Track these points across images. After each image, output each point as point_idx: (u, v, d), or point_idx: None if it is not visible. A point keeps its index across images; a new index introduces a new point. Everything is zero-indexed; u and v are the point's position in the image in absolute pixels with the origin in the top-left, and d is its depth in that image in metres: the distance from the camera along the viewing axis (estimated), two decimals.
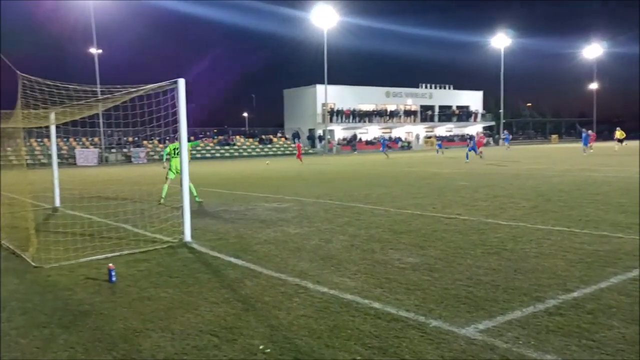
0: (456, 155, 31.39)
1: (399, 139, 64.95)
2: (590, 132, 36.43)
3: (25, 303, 5.12)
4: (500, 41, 68.55)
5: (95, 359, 3.76)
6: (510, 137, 52.96)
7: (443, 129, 70.55)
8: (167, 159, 12.69)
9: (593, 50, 75.78)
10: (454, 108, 71.77)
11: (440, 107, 70.92)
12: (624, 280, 5.36)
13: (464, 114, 71.82)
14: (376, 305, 4.75)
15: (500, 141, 68.72)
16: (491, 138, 71.71)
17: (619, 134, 38.47)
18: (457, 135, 69.27)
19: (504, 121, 72.42)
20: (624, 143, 38.35)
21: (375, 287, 5.32)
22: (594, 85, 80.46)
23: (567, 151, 40.81)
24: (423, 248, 7.07)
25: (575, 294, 4.92)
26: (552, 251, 6.70)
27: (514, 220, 9.09)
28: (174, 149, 12.08)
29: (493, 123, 74.04)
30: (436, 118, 69.75)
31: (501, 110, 71.12)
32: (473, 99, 74.35)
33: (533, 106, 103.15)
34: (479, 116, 73.00)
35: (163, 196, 12.68)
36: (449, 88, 72.91)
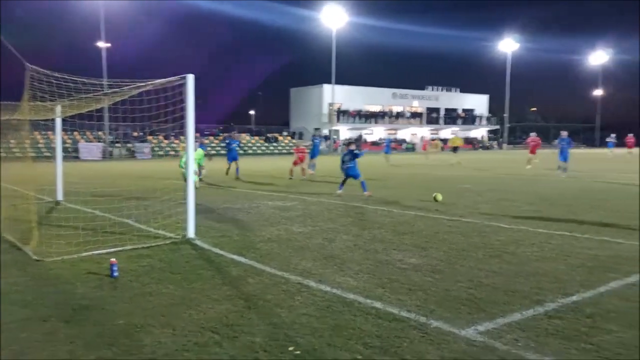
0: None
1: (404, 140, 64.90)
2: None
3: (26, 296, 5.14)
4: (507, 45, 68.36)
5: (96, 354, 3.78)
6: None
7: (448, 132, 70.45)
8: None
9: (598, 57, 75.56)
10: (459, 111, 71.67)
11: (446, 109, 70.82)
12: (624, 285, 5.37)
13: (469, 117, 71.68)
14: (378, 305, 4.77)
15: (505, 145, 68.67)
16: (496, 142, 71.55)
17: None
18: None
19: (508, 125, 72.27)
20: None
21: (377, 287, 5.34)
22: (598, 92, 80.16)
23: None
24: (425, 249, 7.08)
25: (575, 298, 4.93)
26: (553, 255, 6.70)
27: (515, 223, 9.09)
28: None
29: (498, 127, 73.89)
30: (441, 121, 69.64)
31: (505, 115, 70.94)
32: (478, 103, 74.18)
33: (538, 111, 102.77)
34: (484, 120, 72.86)
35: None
36: (456, 91, 72.74)
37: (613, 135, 42.41)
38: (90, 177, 21.85)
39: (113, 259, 5.96)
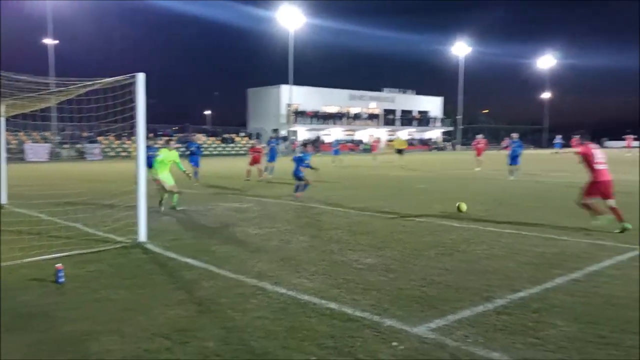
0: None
1: (360, 141, 65.53)
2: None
3: None
4: (460, 48, 70.21)
5: None
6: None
7: (405, 133, 71.73)
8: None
9: (546, 61, 78.64)
10: (415, 113, 73.05)
11: (402, 111, 72.01)
12: (568, 280, 5.60)
13: (424, 119, 73.19)
14: (333, 305, 4.78)
15: (458, 146, 70.50)
16: (450, 143, 73.32)
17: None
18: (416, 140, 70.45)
19: (461, 127, 74.19)
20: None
21: (333, 287, 5.35)
22: (546, 95, 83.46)
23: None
24: (380, 249, 7.16)
25: (522, 294, 5.10)
26: (502, 253, 6.91)
27: (467, 222, 9.33)
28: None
29: (452, 128, 75.78)
30: (398, 122, 70.76)
31: (459, 116, 72.83)
32: (433, 105, 75.84)
33: (490, 113, 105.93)
34: (438, 121, 74.58)
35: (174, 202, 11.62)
36: (412, 93, 74.08)
37: (559, 136, 44.27)
38: (36, 179, 20.94)
39: (59, 265, 5.72)
